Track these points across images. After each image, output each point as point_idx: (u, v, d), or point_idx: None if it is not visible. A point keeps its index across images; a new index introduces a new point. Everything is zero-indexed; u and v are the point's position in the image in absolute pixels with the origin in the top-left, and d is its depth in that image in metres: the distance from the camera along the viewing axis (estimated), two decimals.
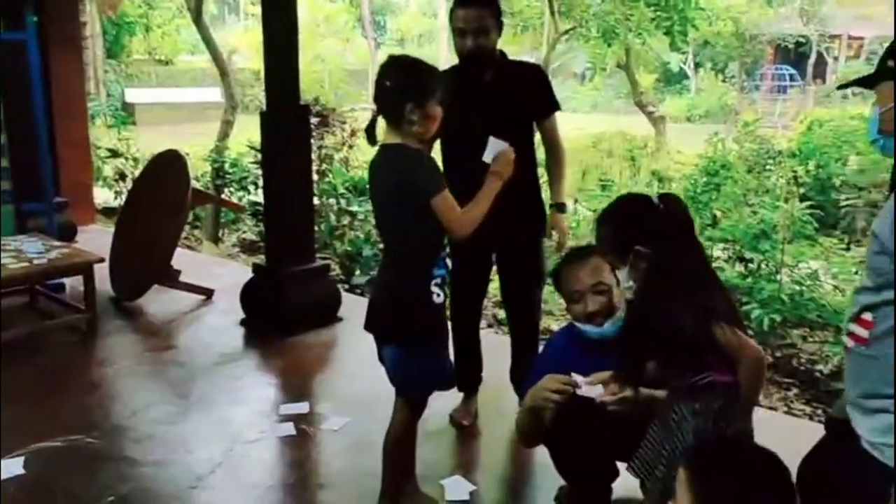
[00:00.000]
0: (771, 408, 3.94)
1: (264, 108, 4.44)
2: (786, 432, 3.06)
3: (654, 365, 2.09)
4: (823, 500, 1.92)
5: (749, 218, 5.78)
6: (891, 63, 1.66)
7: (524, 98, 3.01)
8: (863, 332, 1.65)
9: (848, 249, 5.97)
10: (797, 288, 4.89)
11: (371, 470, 2.62)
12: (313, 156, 5.47)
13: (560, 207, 3.12)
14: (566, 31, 13.49)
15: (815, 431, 2.04)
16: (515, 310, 3.28)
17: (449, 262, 2.41)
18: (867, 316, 1.64)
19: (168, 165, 5.09)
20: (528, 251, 3.15)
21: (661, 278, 1.96)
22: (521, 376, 3.03)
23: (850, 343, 1.70)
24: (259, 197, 6.82)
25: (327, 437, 3.23)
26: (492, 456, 3.13)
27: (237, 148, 8.43)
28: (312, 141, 5.23)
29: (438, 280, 2.34)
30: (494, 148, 2.45)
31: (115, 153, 8.34)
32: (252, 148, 7.14)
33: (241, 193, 7.58)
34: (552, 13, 12.88)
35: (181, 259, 5.10)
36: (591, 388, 2.18)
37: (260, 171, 6.48)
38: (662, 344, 1.99)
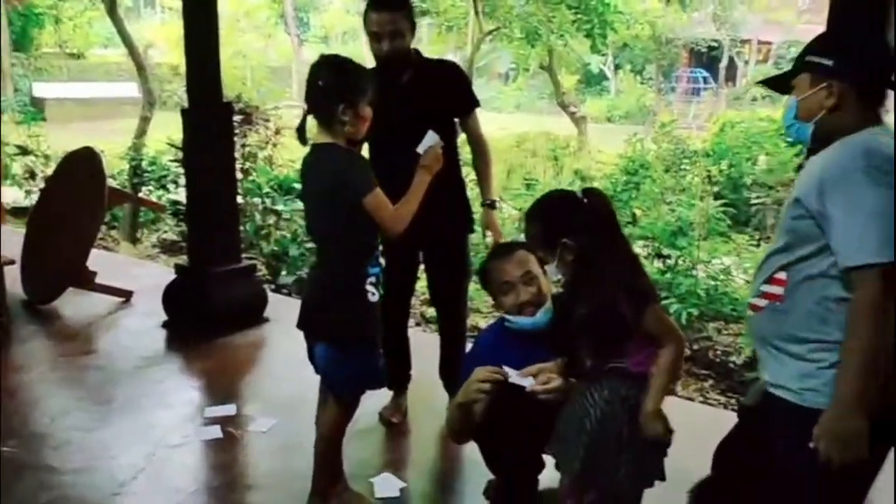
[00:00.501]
0: (688, 398, 4.10)
1: (184, 104, 4.35)
2: (702, 421, 3.18)
3: (584, 354, 2.15)
4: (737, 482, 2.03)
5: (667, 216, 5.95)
6: (811, 58, 1.79)
7: (443, 97, 3.03)
8: (778, 290, 1.78)
9: (758, 245, 6.23)
10: (712, 283, 5.08)
11: (300, 471, 2.61)
12: (236, 154, 5.38)
13: (492, 204, 3.15)
14: (490, 32, 13.60)
15: (729, 419, 2.14)
16: (443, 306, 3.32)
17: (382, 260, 2.42)
18: (781, 275, 1.77)
19: (82, 164, 4.92)
20: (455, 248, 3.19)
21: (588, 270, 2.03)
22: (451, 372, 3.07)
23: (762, 303, 1.81)
24: (179, 195, 6.65)
25: (255, 438, 3.19)
26: (421, 453, 3.15)
27: (155, 145, 8.18)
28: (235, 139, 5.15)
29: (373, 279, 2.35)
30: (428, 141, 2.48)
31: (24, 150, 7.99)
32: (171, 145, 6.94)
33: (160, 192, 7.37)
34: (476, 13, 12.98)
35: (97, 260, 4.93)
36: (522, 377, 2.22)
37: (180, 170, 6.34)
38: (591, 333, 2.06)
